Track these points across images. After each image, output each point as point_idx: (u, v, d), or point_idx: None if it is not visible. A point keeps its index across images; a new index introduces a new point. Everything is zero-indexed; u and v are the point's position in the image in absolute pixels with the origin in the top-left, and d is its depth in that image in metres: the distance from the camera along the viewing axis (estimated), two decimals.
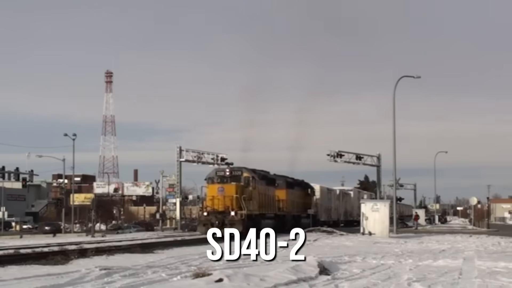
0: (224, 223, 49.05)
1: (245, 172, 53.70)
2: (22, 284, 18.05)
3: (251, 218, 51.20)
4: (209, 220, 50.01)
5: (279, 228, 56.37)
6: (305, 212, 69.46)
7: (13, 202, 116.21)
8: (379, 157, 73.75)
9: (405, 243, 42.57)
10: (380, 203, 57.08)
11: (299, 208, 68.11)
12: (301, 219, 67.36)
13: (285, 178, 66.21)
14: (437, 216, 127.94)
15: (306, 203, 70.68)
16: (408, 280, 19.44)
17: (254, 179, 53.76)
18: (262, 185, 56.05)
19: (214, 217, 49.91)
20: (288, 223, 61.08)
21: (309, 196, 72.20)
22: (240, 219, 49.41)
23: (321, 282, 19.07)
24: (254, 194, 53.10)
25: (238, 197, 50.43)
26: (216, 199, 50.86)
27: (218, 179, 52.78)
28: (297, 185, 69.28)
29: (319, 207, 75.97)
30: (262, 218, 54.57)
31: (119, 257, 29.30)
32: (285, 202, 63.15)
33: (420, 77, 59.73)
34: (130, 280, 18.71)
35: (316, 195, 75.24)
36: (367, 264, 25.29)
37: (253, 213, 52.09)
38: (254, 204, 52.97)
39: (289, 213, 63.70)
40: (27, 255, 30.00)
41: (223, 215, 49.87)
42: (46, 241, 49.25)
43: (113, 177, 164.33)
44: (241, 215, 49.79)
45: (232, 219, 49.41)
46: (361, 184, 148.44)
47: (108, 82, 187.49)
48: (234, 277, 18.49)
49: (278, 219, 59.61)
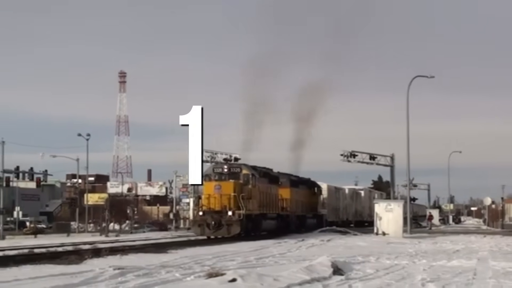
0: (221, 224, 46.16)
1: (244, 169, 50.31)
2: (36, 283, 18.11)
3: (251, 218, 48.29)
4: (204, 220, 46.77)
5: (282, 229, 55.02)
6: (310, 212, 66.48)
7: (28, 202, 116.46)
8: (392, 157, 73.53)
9: (419, 243, 42.49)
10: (393, 203, 57.04)
11: (304, 207, 64.66)
12: (306, 219, 64.50)
13: (289, 176, 62.80)
14: (451, 216, 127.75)
15: (312, 202, 67.39)
16: (422, 281, 19.40)
17: (254, 176, 50.22)
18: (263, 183, 52.45)
19: (210, 217, 46.48)
20: (292, 224, 58.97)
21: (316, 195, 68.94)
22: (238, 220, 46.07)
23: (335, 282, 19.05)
24: (254, 193, 49.33)
25: (236, 195, 46.74)
26: (213, 197, 47.14)
27: (215, 176, 49.14)
28: (303, 183, 65.94)
29: (326, 206, 73.41)
30: (263, 219, 51.48)
31: (133, 256, 29.34)
32: (289, 202, 59.12)
33: (433, 76, 59.71)
34: (144, 280, 18.74)
35: (323, 194, 72.16)
36: (381, 264, 25.25)
37: (252, 213, 48.75)
38: (254, 203, 49.27)
39: (293, 213, 60.30)
40: (41, 255, 30.09)
41: (219, 215, 46.46)
42: (60, 240, 49.39)
43: (126, 177, 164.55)
44: (239, 215, 46.18)
45: (229, 220, 46.15)
46: (375, 184, 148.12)
47: (121, 82, 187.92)
48: (247, 277, 18.50)
49: (281, 219, 56.35)
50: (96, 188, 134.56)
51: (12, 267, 23.53)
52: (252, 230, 49.27)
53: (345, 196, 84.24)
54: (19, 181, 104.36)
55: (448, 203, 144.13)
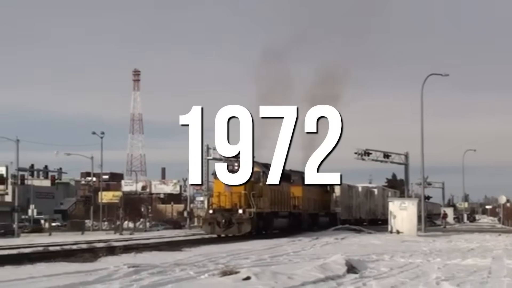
0: (231, 222, 45.60)
1: (255, 166, 49.56)
2: (51, 281, 18.16)
3: (262, 216, 47.89)
4: (214, 218, 46.15)
5: (294, 228, 54.55)
6: (323, 210, 65.97)
7: (42, 200, 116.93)
8: (407, 155, 73.39)
9: (434, 241, 42.39)
10: (408, 201, 56.93)
11: (316, 206, 64.13)
12: (318, 217, 64.04)
13: (302, 174, 61.60)
14: (466, 214, 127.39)
15: (324, 200, 66.70)
16: (436, 279, 19.35)
17: (265, 174, 47.82)
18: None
19: (220, 215, 45.95)
20: (304, 222, 58.60)
21: (328, 193, 67.99)
22: (248, 218, 45.54)
23: (349, 280, 19.03)
24: (265, 191, 48.46)
25: (247, 193, 45.94)
26: (223, 195, 46.52)
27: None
28: None
29: (339, 205, 72.76)
30: (274, 217, 51.08)
31: (147, 254, 29.41)
32: (301, 200, 58.44)
33: (448, 75, 59.68)
34: (158, 278, 18.77)
35: (335, 192, 71.24)
36: (395, 262, 25.20)
37: (263, 211, 48.30)
38: (265, 201, 48.76)
39: (305, 211, 59.70)
40: (56, 253, 30.18)
41: (230, 213, 45.94)
42: (74, 238, 49.51)
43: (140, 175, 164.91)
44: (249, 213, 45.70)
45: (239, 218, 45.54)
46: (389, 182, 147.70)
47: (135, 80, 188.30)
48: (261, 275, 18.49)
49: (293, 217, 55.82)
50: (111, 186, 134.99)
51: (27, 264, 23.64)
52: (263, 228, 49.00)
53: (358, 194, 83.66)
54: (33, 179, 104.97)
55: (462, 201, 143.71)
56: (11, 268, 22.31)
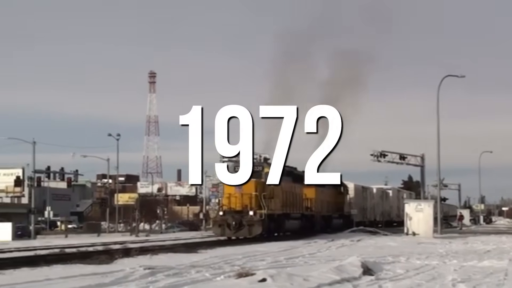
0: (242, 224, 44.76)
1: (266, 167, 46.45)
2: (68, 283, 18.23)
3: (273, 218, 47.18)
4: (225, 220, 45.37)
5: (306, 230, 54.10)
6: (336, 212, 65.27)
7: (58, 202, 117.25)
8: (423, 157, 73.06)
9: (450, 243, 42.27)
10: (424, 203, 56.86)
11: (330, 207, 63.47)
12: (332, 219, 63.39)
13: None
14: (482, 216, 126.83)
15: (338, 202, 66.07)
16: (452, 281, 19.30)
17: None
18: (287, 182, 49.85)
19: (230, 217, 45.09)
20: (317, 224, 57.98)
21: (342, 195, 67.41)
22: (259, 220, 44.72)
23: (365, 282, 19.01)
24: (276, 192, 47.65)
25: (258, 195, 45.19)
26: (233, 197, 45.67)
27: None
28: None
29: (353, 206, 71.82)
30: (286, 219, 50.33)
31: (163, 256, 29.46)
32: (314, 201, 57.73)
33: (464, 76, 59.54)
34: (174, 280, 18.81)
35: (350, 194, 70.90)
36: (411, 264, 25.15)
37: (275, 212, 47.56)
38: (277, 203, 48.03)
39: (318, 213, 58.99)
40: (72, 255, 30.29)
41: (240, 215, 45.10)
42: (91, 240, 49.68)
43: (156, 177, 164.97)
44: (260, 215, 44.85)
45: (250, 220, 44.73)
46: (405, 184, 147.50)
47: (151, 82, 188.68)
48: (277, 277, 18.50)
49: (306, 219, 55.24)
50: (126, 188, 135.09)
51: (43, 266, 23.72)
52: (274, 230, 48.43)
53: (373, 196, 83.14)
54: (50, 181, 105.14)
55: (479, 203, 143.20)
56: (27, 270, 22.40)
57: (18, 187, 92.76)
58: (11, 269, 22.69)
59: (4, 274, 21.29)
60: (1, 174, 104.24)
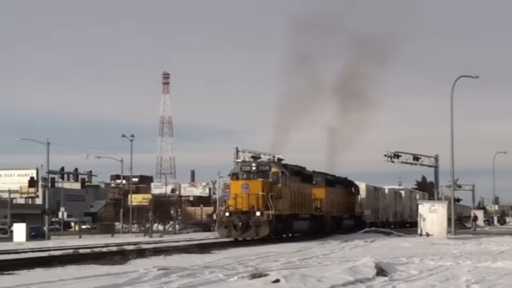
0: (248, 225, 43.40)
1: (274, 166, 47.54)
2: (81, 283, 18.27)
3: (281, 219, 45.77)
4: (231, 221, 44.05)
5: (316, 230, 52.98)
6: (347, 212, 64.05)
7: (72, 203, 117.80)
8: (436, 157, 72.99)
9: (463, 244, 42.15)
10: (437, 204, 56.80)
11: (340, 208, 62.04)
12: (343, 220, 62.18)
13: (325, 175, 59.83)
14: (496, 217, 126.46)
15: (349, 203, 64.79)
16: (466, 282, 19.24)
17: (285, 174, 47.25)
18: (295, 182, 49.66)
19: (237, 218, 43.71)
20: (327, 224, 56.74)
21: (353, 195, 66.42)
22: (266, 221, 43.33)
23: (378, 283, 18.98)
24: (284, 192, 46.60)
25: (265, 195, 43.85)
26: (240, 197, 44.32)
27: (243, 174, 46.27)
28: (339, 182, 63.03)
29: (364, 207, 70.90)
30: (294, 219, 48.95)
31: (177, 257, 29.48)
32: (324, 202, 56.35)
33: (478, 77, 59.19)
34: (188, 280, 18.82)
35: (361, 194, 69.63)
36: (424, 265, 25.08)
37: (283, 213, 46.21)
38: (285, 203, 46.65)
39: (328, 214, 57.43)
40: (86, 255, 30.36)
41: (247, 216, 43.66)
42: (104, 241, 49.78)
43: (170, 178, 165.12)
44: (268, 215, 43.44)
45: (257, 221, 43.35)
46: (419, 185, 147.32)
47: (165, 83, 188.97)
48: (291, 278, 18.50)
49: (315, 220, 53.74)
50: (140, 189, 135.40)
51: (57, 267, 23.77)
52: (282, 231, 47.39)
53: (385, 196, 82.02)
54: (64, 182, 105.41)
55: (493, 204, 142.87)
56: (41, 271, 22.47)
57: (32, 187, 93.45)
58: (26, 269, 22.78)
59: (19, 274, 21.37)
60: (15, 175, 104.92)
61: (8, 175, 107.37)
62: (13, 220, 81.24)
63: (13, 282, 18.72)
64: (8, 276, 20.87)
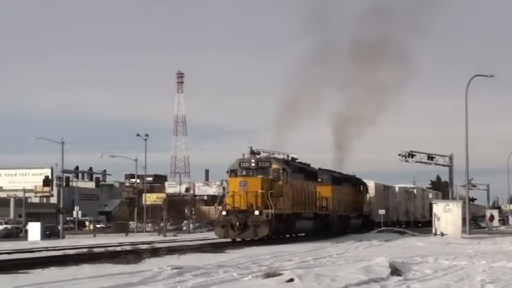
0: (247, 225, 41.22)
1: (274, 163, 45.02)
2: (95, 282, 18.30)
3: (281, 218, 43.62)
4: (228, 221, 41.71)
5: (321, 230, 51.48)
6: (355, 212, 62.06)
7: (87, 202, 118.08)
8: (451, 157, 72.64)
9: (478, 244, 42.02)
10: (452, 203, 56.70)
11: (347, 207, 59.87)
12: (350, 220, 60.14)
13: (331, 172, 57.72)
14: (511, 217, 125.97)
15: (357, 201, 62.76)
16: (481, 282, 19.19)
17: (286, 171, 44.89)
18: (298, 179, 47.44)
19: (234, 217, 41.45)
20: (334, 224, 54.87)
21: (361, 194, 64.51)
22: (265, 220, 41.06)
23: (393, 283, 18.95)
24: (285, 190, 44.20)
25: (264, 193, 41.49)
26: (238, 195, 41.93)
27: (242, 171, 44.10)
28: (346, 181, 61.07)
29: (373, 206, 69.20)
30: (297, 219, 46.75)
31: (191, 256, 29.51)
32: (330, 200, 54.15)
33: (493, 76, 59.07)
34: (202, 280, 18.83)
35: (369, 193, 67.99)
36: (439, 265, 25.02)
37: (284, 212, 43.97)
38: (286, 201, 44.19)
39: (334, 213, 55.23)
40: (100, 254, 30.40)
41: (245, 215, 41.40)
42: (119, 240, 49.88)
43: (184, 177, 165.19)
44: (267, 214, 41.10)
45: (256, 220, 41.07)
46: (433, 184, 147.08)
47: (179, 82, 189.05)
48: (305, 277, 18.48)
49: (320, 219, 51.57)
50: (154, 188, 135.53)
51: (72, 266, 23.82)
52: (284, 231, 45.36)
53: (395, 195, 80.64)
54: (78, 181, 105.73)
55: (507, 203, 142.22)
56: (56, 269, 22.53)
57: (47, 187, 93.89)
58: (40, 268, 22.83)
59: (33, 273, 21.43)
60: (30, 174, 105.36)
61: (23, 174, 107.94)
62: (28, 219, 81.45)
63: (28, 281, 18.78)
64: (22, 275, 20.95)
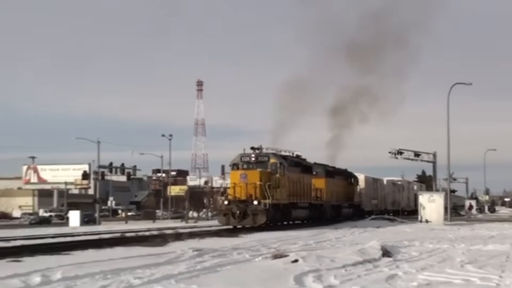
0: (246, 213, 40.51)
1: (272, 157, 44.15)
2: (127, 262, 18.33)
3: (278, 207, 42.71)
4: (229, 209, 40.99)
5: (315, 218, 50.62)
6: (346, 201, 61.35)
7: (120, 193, 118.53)
8: (435, 154, 72.50)
9: (458, 230, 41.90)
10: (436, 194, 56.80)
11: (340, 197, 58.94)
12: (342, 208, 59.27)
13: (325, 166, 56.83)
14: (487, 206, 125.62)
15: (348, 192, 61.88)
16: (461, 262, 19.17)
17: (283, 165, 44.14)
18: (294, 172, 46.72)
19: (235, 206, 40.76)
20: (327, 212, 54.22)
21: (352, 186, 63.79)
22: (263, 209, 40.36)
23: (384, 263, 18.95)
24: (282, 182, 43.46)
25: (262, 184, 41.01)
26: (238, 186, 41.35)
27: (243, 165, 43.47)
28: (338, 174, 60.19)
29: (363, 197, 68.59)
30: (293, 208, 45.91)
31: (209, 240, 29.51)
32: (324, 191, 53.25)
33: (471, 83, 58.99)
34: (218, 260, 18.86)
35: (360, 185, 67.44)
36: (424, 248, 24.98)
37: (280, 202, 43.10)
38: (282, 192, 43.45)
39: (328, 203, 54.20)
40: (131, 238, 30.48)
41: (245, 204, 40.69)
42: (147, 226, 49.92)
43: (203, 172, 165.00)
44: (265, 204, 40.42)
45: (255, 209, 40.45)
46: (419, 178, 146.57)
47: (198, 90, 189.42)
48: (308, 258, 18.52)
49: (315, 208, 50.76)
50: (178, 181, 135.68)
51: (107, 248, 23.89)
52: (281, 219, 44.60)
53: (384, 187, 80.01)
54: (112, 175, 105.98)
55: (484, 194, 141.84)
56: (93, 251, 22.59)
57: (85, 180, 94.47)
58: (80, 250, 22.92)
59: (74, 254, 21.49)
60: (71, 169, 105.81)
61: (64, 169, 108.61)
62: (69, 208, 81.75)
63: (70, 260, 18.83)
64: (65, 256, 21.01)
